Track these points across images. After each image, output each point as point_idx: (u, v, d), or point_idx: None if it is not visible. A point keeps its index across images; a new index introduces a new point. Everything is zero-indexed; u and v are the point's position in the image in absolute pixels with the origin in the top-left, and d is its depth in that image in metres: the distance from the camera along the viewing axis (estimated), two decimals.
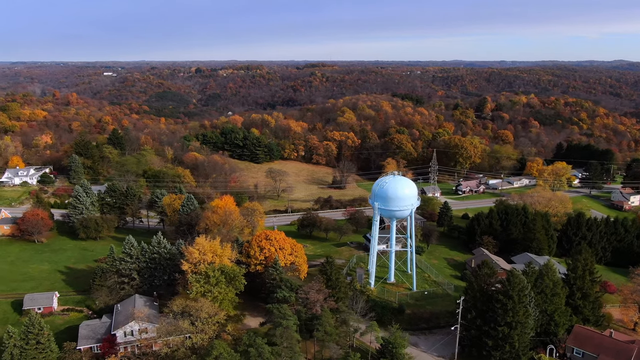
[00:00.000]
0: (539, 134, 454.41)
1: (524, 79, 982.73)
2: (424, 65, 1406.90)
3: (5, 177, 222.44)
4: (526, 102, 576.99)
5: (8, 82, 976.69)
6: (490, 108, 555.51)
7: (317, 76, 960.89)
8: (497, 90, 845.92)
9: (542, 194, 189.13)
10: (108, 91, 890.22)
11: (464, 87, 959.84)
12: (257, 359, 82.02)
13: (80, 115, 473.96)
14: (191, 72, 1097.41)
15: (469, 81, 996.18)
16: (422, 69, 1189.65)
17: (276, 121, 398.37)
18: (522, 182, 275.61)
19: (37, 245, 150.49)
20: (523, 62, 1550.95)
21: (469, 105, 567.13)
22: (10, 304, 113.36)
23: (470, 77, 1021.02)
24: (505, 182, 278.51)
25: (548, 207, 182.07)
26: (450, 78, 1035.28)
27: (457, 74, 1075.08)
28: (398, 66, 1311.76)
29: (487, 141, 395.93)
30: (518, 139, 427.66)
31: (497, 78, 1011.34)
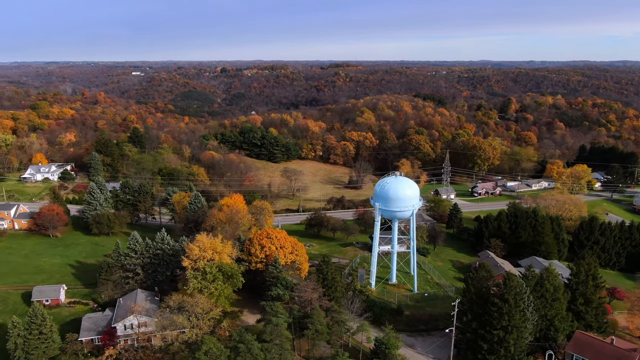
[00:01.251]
0: (564, 135, 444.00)
1: (552, 79, 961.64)
2: (450, 65, 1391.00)
3: (27, 173, 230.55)
4: (552, 103, 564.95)
5: (41, 82, 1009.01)
6: (515, 109, 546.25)
7: (340, 76, 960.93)
8: (524, 91, 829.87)
9: (556, 197, 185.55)
10: (135, 90, 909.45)
11: (490, 88, 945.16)
12: (247, 354, 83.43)
13: (106, 113, 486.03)
14: (216, 72, 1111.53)
15: (495, 82, 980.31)
16: (448, 69, 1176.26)
17: (295, 121, 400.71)
18: (541, 185, 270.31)
19: (51, 240, 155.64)
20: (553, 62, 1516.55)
21: (493, 106, 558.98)
22: (20, 295, 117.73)
23: (496, 78, 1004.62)
24: (524, 184, 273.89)
25: (562, 210, 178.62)
26: (476, 78, 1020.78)
27: (484, 74, 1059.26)
28: (423, 66, 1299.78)
29: (509, 143, 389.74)
30: (542, 140, 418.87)
31: (525, 78, 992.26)
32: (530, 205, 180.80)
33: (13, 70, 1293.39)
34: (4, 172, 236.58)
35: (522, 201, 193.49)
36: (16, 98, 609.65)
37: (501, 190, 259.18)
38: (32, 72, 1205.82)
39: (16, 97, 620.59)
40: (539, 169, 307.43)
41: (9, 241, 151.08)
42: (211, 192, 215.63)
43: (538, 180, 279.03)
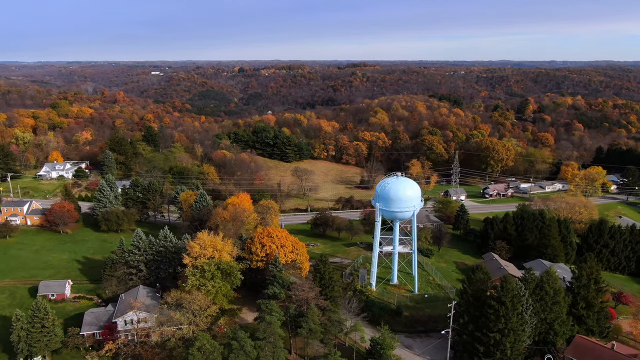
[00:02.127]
0: (583, 137, 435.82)
1: (573, 79, 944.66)
2: (469, 65, 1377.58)
3: (43, 170, 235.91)
4: (571, 104, 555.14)
5: (63, 81, 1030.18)
6: (532, 110, 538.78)
7: (357, 76, 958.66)
8: (544, 91, 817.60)
9: (566, 199, 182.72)
10: (154, 90, 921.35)
11: (509, 88, 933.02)
12: (239, 352, 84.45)
13: (124, 112, 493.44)
14: (234, 72, 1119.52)
15: (515, 82, 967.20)
16: (467, 69, 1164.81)
17: (308, 121, 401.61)
18: (555, 187, 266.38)
19: (61, 236, 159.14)
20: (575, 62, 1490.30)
21: (510, 107, 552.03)
22: (27, 289, 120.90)
23: (516, 78, 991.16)
24: (537, 186, 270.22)
25: (572, 213, 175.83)
26: (494, 78, 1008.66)
27: (503, 74, 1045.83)
28: (442, 66, 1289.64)
29: (524, 144, 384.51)
30: (559, 142, 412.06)
31: (545, 79, 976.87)
32: (540, 208, 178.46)
33: (37, 69, 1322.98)
34: (21, 169, 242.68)
35: (531, 203, 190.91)
36: (38, 97, 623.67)
37: (513, 192, 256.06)
38: (55, 72, 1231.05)
39: (38, 96, 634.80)
40: (553, 171, 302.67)
41: (20, 237, 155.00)
42: (221, 191, 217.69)
43: (552, 182, 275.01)
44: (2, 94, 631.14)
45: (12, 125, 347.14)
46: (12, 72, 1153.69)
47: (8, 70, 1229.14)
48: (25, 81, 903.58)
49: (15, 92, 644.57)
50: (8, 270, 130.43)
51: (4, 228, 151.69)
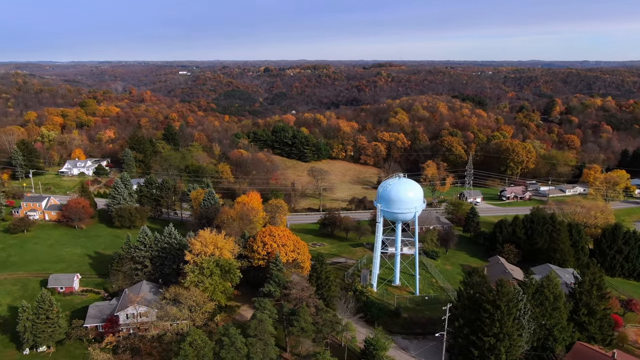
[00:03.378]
0: (611, 139, 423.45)
1: (605, 80, 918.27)
2: (497, 65, 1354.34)
3: (65, 167, 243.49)
4: (601, 105, 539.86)
5: (94, 80, 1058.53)
6: (559, 111, 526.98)
7: (382, 76, 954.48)
8: (575, 92, 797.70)
9: (582, 202, 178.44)
10: (181, 89, 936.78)
11: (538, 89, 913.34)
12: (230, 348, 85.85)
13: (149, 111, 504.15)
14: (260, 72, 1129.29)
15: (544, 82, 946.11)
16: (494, 70, 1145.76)
17: (328, 120, 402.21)
18: (576, 190, 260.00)
19: (76, 231, 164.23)
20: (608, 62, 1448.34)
21: (536, 108, 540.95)
22: (39, 282, 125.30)
23: (545, 78, 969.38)
24: (557, 189, 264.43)
25: (587, 217, 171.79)
26: (523, 79, 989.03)
27: (532, 74, 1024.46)
28: (469, 66, 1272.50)
29: (549, 146, 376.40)
30: (585, 144, 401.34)
31: (575, 79, 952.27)
32: (554, 211, 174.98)
33: (70, 69, 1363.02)
34: (45, 166, 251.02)
35: (546, 207, 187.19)
36: (69, 96, 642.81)
37: (531, 194, 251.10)
38: (86, 71, 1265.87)
39: (69, 95, 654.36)
40: (576, 174, 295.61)
41: (37, 231, 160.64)
42: (235, 190, 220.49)
43: (573, 185, 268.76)
44: (35, 93, 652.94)
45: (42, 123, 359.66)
46: (46, 72, 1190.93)
47: (43, 69, 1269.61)
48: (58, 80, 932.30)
49: (47, 91, 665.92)
50: (22, 263, 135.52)
51: (22, 222, 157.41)
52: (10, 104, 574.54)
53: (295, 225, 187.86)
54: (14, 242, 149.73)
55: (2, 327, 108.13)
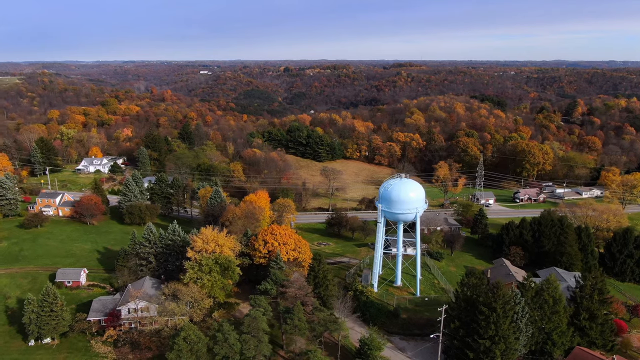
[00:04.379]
0: (634, 141, 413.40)
1: (632, 80, 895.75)
2: (521, 65, 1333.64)
3: (81, 165, 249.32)
4: (625, 106, 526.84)
5: (118, 80, 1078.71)
6: (581, 112, 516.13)
7: (402, 76, 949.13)
8: (599, 92, 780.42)
9: (594, 205, 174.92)
10: (202, 89, 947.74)
11: (561, 89, 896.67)
12: (224, 344, 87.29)
13: (168, 110, 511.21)
14: (279, 71, 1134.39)
15: (567, 83, 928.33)
16: (517, 70, 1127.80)
17: (343, 120, 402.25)
18: (593, 193, 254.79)
19: (88, 227, 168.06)
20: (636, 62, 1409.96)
21: (558, 109, 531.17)
22: (48, 276, 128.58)
23: (569, 79, 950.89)
24: (574, 191, 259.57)
25: (599, 220, 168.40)
26: (546, 79, 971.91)
27: (555, 75, 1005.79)
28: (491, 66, 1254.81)
29: (568, 147, 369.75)
30: (607, 146, 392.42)
31: (601, 79, 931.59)
32: (565, 213, 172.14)
33: (94, 69, 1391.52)
34: (63, 163, 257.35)
35: (557, 209, 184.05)
36: (92, 95, 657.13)
37: (546, 197, 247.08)
38: (110, 71, 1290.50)
39: (92, 94, 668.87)
40: (595, 176, 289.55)
41: (50, 227, 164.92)
42: (246, 189, 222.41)
43: (590, 188, 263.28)
44: (60, 92, 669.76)
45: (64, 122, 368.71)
46: (72, 71, 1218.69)
47: (69, 69, 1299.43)
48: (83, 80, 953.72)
49: (71, 90, 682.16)
50: (34, 257, 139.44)
51: (36, 218, 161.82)
52: (35, 102, 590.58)
53: (303, 225, 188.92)
54: (27, 237, 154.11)
55: (10, 319, 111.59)
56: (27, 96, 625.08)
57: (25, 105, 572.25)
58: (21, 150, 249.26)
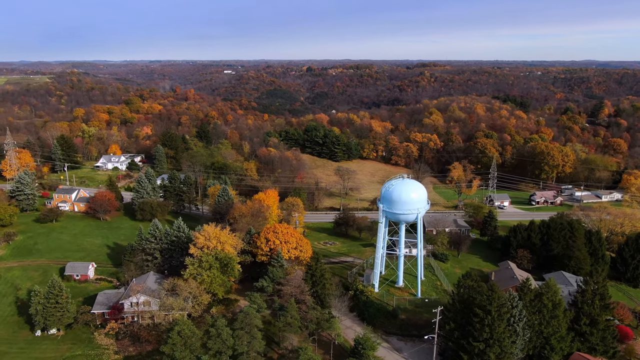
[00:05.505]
0: None
1: None
2: (548, 65, 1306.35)
3: (100, 162, 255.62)
4: None
5: (144, 79, 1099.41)
6: (607, 113, 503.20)
7: (425, 76, 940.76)
8: (629, 93, 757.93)
9: (609, 209, 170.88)
10: (225, 88, 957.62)
11: (589, 90, 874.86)
12: (217, 339, 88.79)
13: (190, 109, 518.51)
14: (302, 71, 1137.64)
15: (596, 83, 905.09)
16: (544, 70, 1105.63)
17: (361, 120, 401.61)
18: (613, 196, 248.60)
19: (100, 223, 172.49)
20: None
21: (583, 110, 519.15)
22: (58, 269, 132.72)
23: (597, 79, 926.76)
24: (593, 195, 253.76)
25: (614, 224, 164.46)
26: (574, 79, 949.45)
27: (583, 75, 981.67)
28: (517, 66, 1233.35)
29: (592, 150, 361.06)
30: (633, 148, 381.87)
31: (631, 80, 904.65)
32: (579, 217, 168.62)
33: (122, 68, 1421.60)
34: (82, 160, 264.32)
35: (571, 212, 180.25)
36: (117, 93, 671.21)
37: (563, 199, 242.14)
38: (137, 70, 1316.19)
39: (118, 92, 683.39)
40: (617, 179, 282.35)
41: (65, 221, 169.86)
42: (258, 187, 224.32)
43: (610, 191, 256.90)
44: (87, 91, 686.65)
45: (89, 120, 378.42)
46: (100, 70, 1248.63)
47: (97, 68, 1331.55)
48: (110, 79, 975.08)
49: (98, 89, 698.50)
50: (46, 251, 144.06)
51: (52, 213, 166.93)
52: (63, 101, 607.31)
53: (312, 224, 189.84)
54: (42, 231, 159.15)
55: (19, 310, 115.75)
56: (56, 95, 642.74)
57: (53, 103, 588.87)
58: (44, 147, 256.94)
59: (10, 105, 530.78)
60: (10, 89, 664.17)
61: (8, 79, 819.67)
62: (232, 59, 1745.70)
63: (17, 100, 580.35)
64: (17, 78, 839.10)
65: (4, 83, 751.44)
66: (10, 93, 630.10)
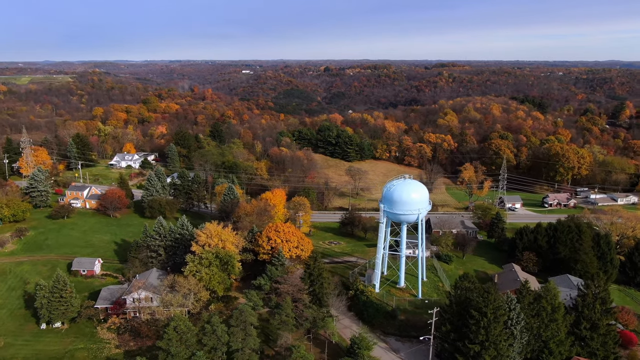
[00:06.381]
0: None
1: None
2: (571, 65, 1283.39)
3: (114, 160, 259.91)
4: None
5: (163, 79, 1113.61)
6: (629, 115, 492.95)
7: (443, 76, 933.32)
8: None
9: (620, 212, 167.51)
10: (242, 88, 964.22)
11: (612, 91, 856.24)
12: (212, 335, 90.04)
13: (206, 109, 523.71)
14: (320, 71, 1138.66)
15: (619, 84, 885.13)
16: (566, 70, 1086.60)
17: (375, 120, 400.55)
18: (630, 199, 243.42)
19: (110, 219, 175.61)
20: None
21: (604, 112, 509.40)
22: (66, 264, 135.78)
23: (620, 80, 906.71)
24: (609, 197, 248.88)
25: (625, 228, 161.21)
26: (596, 80, 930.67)
27: (606, 75, 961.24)
28: (538, 67, 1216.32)
29: (611, 152, 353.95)
30: None
31: None
32: (589, 220, 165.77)
33: (142, 68, 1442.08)
34: (97, 158, 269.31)
35: (581, 215, 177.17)
36: (137, 93, 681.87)
37: (576, 202, 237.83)
38: (157, 70, 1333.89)
39: (137, 92, 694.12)
40: (635, 182, 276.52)
41: (76, 218, 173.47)
42: (268, 187, 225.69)
43: (627, 194, 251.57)
44: (107, 90, 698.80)
45: (107, 119, 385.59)
46: (121, 70, 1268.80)
47: (118, 68, 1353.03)
48: (131, 78, 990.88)
49: (117, 89, 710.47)
50: (56, 246, 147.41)
51: (63, 209, 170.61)
52: (84, 100, 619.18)
53: (319, 223, 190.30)
54: (53, 227, 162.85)
55: (27, 303, 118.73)
56: (77, 94, 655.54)
57: (74, 102, 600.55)
58: (60, 146, 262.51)
59: (33, 104, 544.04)
60: (33, 88, 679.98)
61: (32, 78, 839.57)
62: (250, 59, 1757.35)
63: (39, 99, 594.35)
64: (41, 77, 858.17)
65: (28, 82, 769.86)
66: (34, 92, 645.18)
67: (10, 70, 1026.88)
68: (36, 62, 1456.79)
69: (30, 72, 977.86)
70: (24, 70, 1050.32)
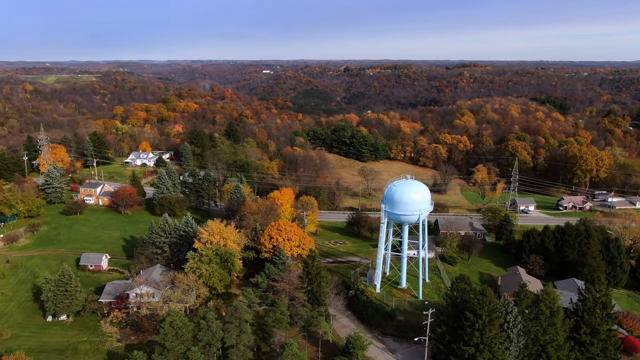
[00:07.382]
0: None
1: None
2: (597, 66, 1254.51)
3: (129, 158, 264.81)
4: None
5: (185, 78, 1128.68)
6: None
7: (464, 77, 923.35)
8: None
9: (634, 216, 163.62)
10: (262, 87, 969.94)
11: (639, 92, 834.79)
12: (207, 331, 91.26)
13: (225, 108, 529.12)
14: (340, 71, 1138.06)
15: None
16: (591, 71, 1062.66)
17: (391, 121, 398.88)
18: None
19: (121, 216, 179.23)
20: None
21: (628, 113, 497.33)
22: (75, 259, 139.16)
23: None
24: (627, 201, 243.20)
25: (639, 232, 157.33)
26: (622, 81, 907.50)
27: (634, 76, 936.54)
28: (562, 67, 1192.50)
29: (634, 154, 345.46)
30: None
31: None
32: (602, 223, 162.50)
33: (165, 67, 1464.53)
34: (114, 156, 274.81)
35: (594, 219, 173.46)
36: (158, 92, 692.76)
37: (592, 205, 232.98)
38: (179, 70, 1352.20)
39: (158, 91, 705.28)
40: None
41: (88, 214, 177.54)
42: (279, 186, 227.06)
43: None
44: (129, 90, 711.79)
45: (127, 117, 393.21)
46: (144, 70, 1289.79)
47: (141, 67, 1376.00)
48: (153, 78, 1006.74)
49: (139, 88, 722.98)
50: (67, 241, 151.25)
51: (76, 206, 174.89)
52: (106, 99, 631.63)
53: (327, 223, 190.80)
54: (66, 223, 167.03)
55: (35, 296, 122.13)
56: (100, 93, 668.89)
57: (97, 101, 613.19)
58: (79, 144, 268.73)
59: (57, 103, 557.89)
60: (58, 87, 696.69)
61: (58, 77, 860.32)
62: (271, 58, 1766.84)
63: (64, 98, 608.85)
64: (66, 77, 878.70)
65: (54, 82, 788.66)
66: (59, 91, 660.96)
67: (38, 70, 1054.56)
68: (63, 61, 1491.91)
69: (56, 72, 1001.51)
70: (51, 69, 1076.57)
